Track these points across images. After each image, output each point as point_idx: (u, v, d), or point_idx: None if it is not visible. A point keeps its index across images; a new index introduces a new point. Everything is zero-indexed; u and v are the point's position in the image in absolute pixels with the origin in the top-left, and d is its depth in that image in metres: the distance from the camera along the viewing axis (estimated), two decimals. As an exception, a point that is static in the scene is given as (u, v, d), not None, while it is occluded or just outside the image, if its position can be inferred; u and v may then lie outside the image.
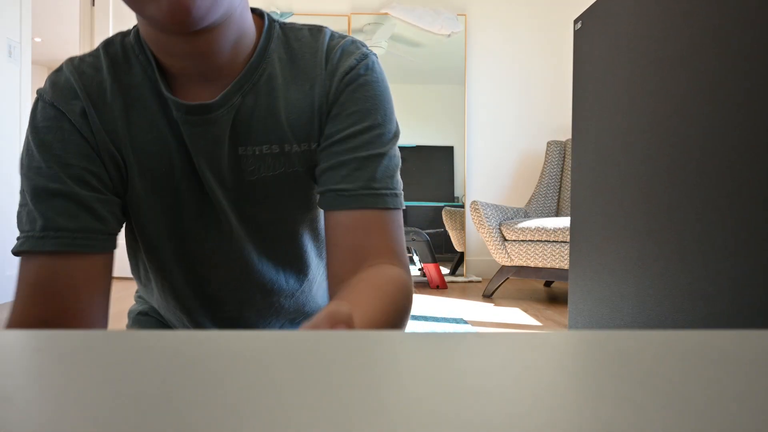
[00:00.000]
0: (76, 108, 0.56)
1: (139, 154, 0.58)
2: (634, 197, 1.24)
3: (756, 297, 0.87)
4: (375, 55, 0.63)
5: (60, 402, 0.15)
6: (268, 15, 0.63)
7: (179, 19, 0.48)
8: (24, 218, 0.55)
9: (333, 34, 0.62)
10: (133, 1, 0.49)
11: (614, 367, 0.20)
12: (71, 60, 0.60)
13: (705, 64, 0.99)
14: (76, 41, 6.04)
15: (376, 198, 0.57)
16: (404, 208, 0.70)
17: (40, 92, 0.58)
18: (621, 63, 1.31)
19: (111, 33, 3.53)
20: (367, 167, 0.58)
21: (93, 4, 3.57)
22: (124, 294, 2.80)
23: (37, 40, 6.30)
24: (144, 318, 0.78)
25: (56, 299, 0.53)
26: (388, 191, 0.58)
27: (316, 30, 0.62)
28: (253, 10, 0.62)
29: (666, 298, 1.11)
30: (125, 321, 2.03)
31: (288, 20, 0.65)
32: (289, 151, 0.60)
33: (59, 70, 0.59)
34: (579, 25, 1.53)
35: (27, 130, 0.58)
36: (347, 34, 3.59)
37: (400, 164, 0.62)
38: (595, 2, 1.44)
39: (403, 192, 0.62)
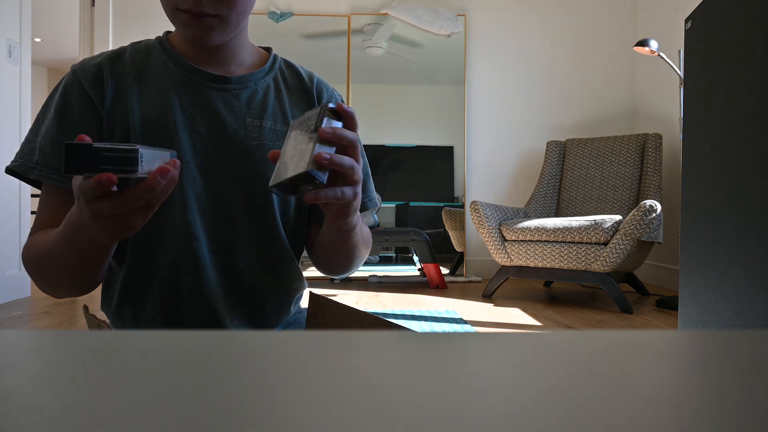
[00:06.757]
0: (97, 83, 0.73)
1: (144, 114, 0.72)
2: (748, 198, 1.20)
3: None
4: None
5: (60, 402, 0.15)
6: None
7: (200, 47, 0.73)
8: None
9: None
10: (171, 19, 0.68)
11: (616, 366, 0.20)
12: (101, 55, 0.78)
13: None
14: (76, 41, 6.04)
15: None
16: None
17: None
18: (733, 60, 1.29)
19: (111, 33, 3.53)
20: None
21: (93, 4, 3.57)
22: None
23: (37, 40, 6.30)
24: None
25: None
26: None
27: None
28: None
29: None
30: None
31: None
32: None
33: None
34: (689, 24, 1.52)
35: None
36: (346, 34, 3.60)
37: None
38: (702, 1, 1.43)
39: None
